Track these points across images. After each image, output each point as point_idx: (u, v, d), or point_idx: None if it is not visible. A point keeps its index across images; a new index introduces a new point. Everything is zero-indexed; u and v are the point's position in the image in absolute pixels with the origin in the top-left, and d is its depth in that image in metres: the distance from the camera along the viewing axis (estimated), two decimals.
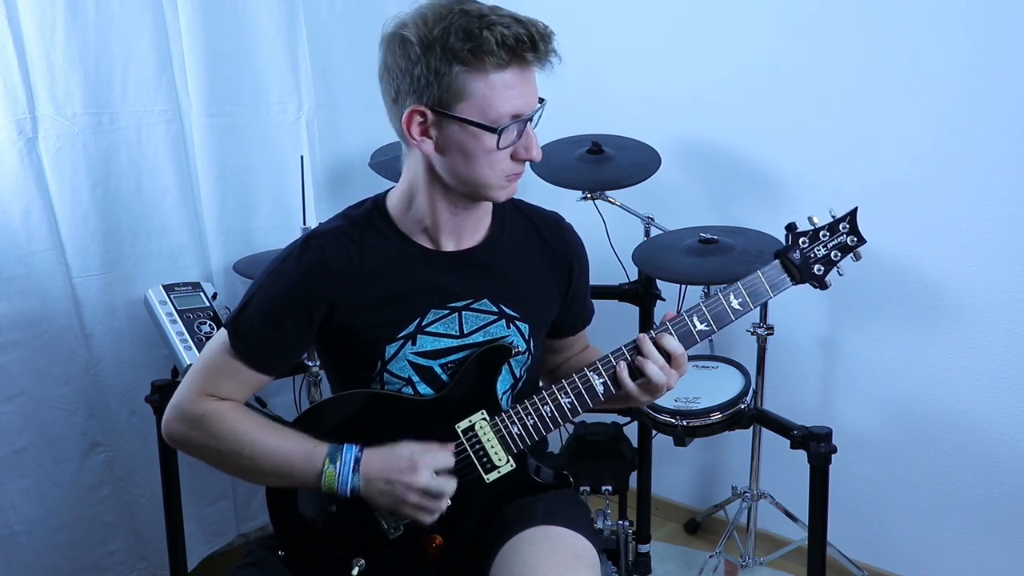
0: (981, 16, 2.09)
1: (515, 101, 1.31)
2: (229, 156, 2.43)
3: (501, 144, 1.32)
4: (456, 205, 1.42)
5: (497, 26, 1.26)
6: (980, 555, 2.31)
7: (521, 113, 1.33)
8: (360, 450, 1.37)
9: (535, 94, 1.35)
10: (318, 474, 1.36)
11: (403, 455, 1.37)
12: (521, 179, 1.42)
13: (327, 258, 1.41)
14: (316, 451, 1.37)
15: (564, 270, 1.56)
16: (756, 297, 1.46)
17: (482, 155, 1.33)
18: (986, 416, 2.24)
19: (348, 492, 1.36)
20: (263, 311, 1.41)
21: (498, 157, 1.34)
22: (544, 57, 1.32)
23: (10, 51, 2.02)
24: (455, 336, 1.46)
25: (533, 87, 1.35)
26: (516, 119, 1.33)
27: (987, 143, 2.13)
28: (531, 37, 1.28)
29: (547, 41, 1.31)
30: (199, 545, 2.51)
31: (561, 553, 1.37)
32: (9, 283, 2.10)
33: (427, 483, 1.35)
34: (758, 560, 2.52)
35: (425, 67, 1.29)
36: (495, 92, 1.30)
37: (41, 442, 2.20)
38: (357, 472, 1.35)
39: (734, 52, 2.49)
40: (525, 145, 1.36)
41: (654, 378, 1.41)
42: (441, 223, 1.44)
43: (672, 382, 1.43)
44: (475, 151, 1.33)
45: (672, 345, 1.42)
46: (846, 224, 1.51)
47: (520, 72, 1.31)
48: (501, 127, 1.31)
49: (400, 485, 1.35)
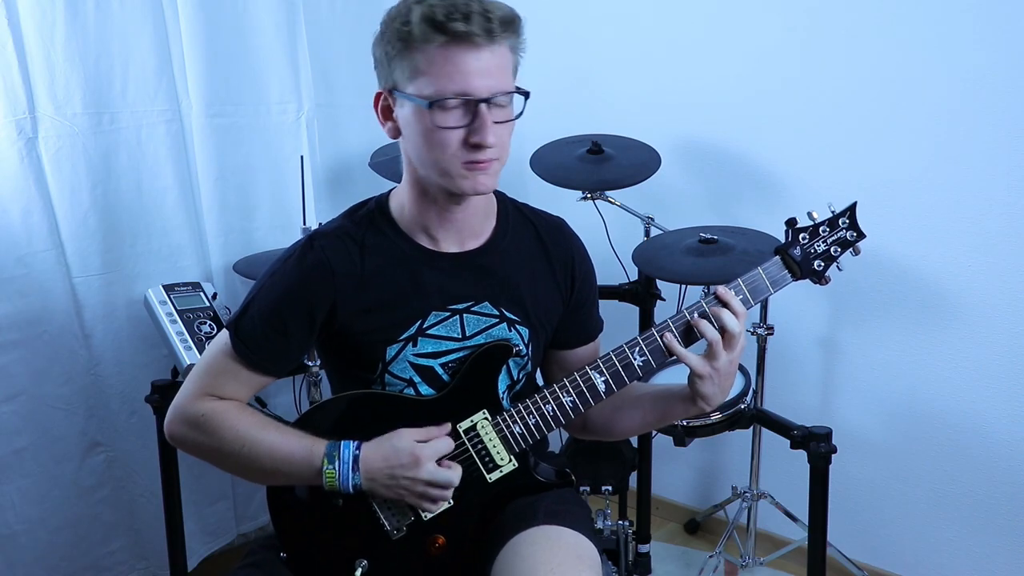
0: (982, 16, 2.09)
1: (455, 78, 1.29)
2: (229, 156, 2.43)
3: (439, 121, 1.30)
4: (438, 202, 1.41)
5: (436, 6, 1.27)
6: (980, 555, 2.32)
7: (467, 93, 1.29)
8: (358, 447, 1.36)
9: (492, 76, 1.30)
10: (318, 473, 1.36)
11: (403, 449, 1.36)
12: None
13: (329, 259, 1.41)
14: (315, 450, 1.36)
15: (567, 276, 1.55)
16: (757, 294, 1.46)
17: (428, 134, 1.32)
18: (986, 416, 2.24)
19: (351, 490, 1.36)
20: (265, 312, 1.41)
21: (446, 138, 1.31)
22: (482, 33, 1.27)
23: (10, 51, 2.02)
24: (457, 339, 1.46)
25: (487, 68, 1.29)
26: (460, 97, 1.30)
27: (988, 143, 2.13)
28: (467, 10, 1.26)
29: (487, 16, 1.27)
30: (199, 545, 2.51)
31: (563, 553, 1.37)
32: (9, 283, 2.10)
33: (432, 475, 1.35)
34: (758, 560, 2.52)
35: (381, 51, 1.34)
36: (433, 68, 1.29)
37: (41, 442, 2.20)
38: (357, 470, 1.35)
39: (734, 52, 2.49)
40: (476, 128, 1.30)
41: (729, 326, 1.38)
42: (433, 221, 1.43)
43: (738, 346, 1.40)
44: (420, 130, 1.33)
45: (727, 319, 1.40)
46: (846, 219, 1.51)
47: (463, 50, 1.27)
48: (433, 100, 1.29)
49: (405, 480, 1.35)
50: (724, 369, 1.40)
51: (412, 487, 1.36)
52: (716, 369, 1.40)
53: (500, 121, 1.33)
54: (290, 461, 1.37)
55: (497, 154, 1.35)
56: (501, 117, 1.33)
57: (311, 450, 1.37)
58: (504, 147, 1.36)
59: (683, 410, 1.47)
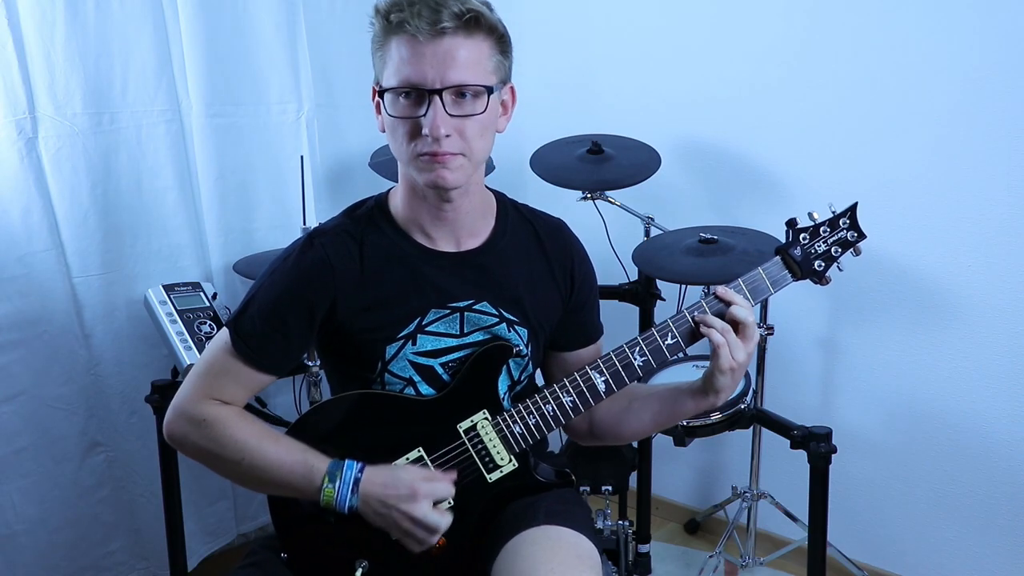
0: (982, 17, 2.09)
1: (403, 70, 1.30)
2: (229, 156, 2.43)
3: (390, 109, 1.34)
4: (428, 199, 1.41)
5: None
6: (980, 555, 2.32)
7: (414, 83, 1.30)
8: (361, 470, 1.36)
9: (449, 68, 1.29)
10: (317, 490, 1.35)
11: (404, 481, 1.36)
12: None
13: (329, 257, 1.41)
14: (316, 468, 1.36)
15: (566, 277, 1.55)
16: (757, 294, 1.46)
17: (388, 125, 1.37)
18: (986, 416, 2.24)
19: (347, 511, 1.36)
20: (265, 310, 1.41)
21: (397, 127, 1.34)
22: (427, 26, 1.27)
23: (10, 51, 2.02)
24: (456, 336, 1.46)
25: (442, 60, 1.29)
26: (409, 87, 1.31)
27: (988, 143, 2.13)
28: (411, 2, 1.28)
29: (434, 9, 1.27)
30: (199, 545, 2.51)
31: (563, 553, 1.37)
32: (9, 283, 2.10)
33: (423, 515, 1.35)
34: (758, 560, 2.52)
35: (371, 45, 1.37)
36: (390, 60, 1.33)
37: (41, 442, 2.20)
38: (356, 493, 1.35)
39: (735, 52, 2.49)
40: (425, 122, 1.30)
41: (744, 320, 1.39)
42: (424, 218, 1.43)
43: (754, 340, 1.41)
44: (384, 120, 1.37)
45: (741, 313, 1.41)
46: (846, 219, 1.51)
47: (410, 41, 1.29)
48: (381, 88, 1.34)
49: (396, 511, 1.35)
50: (743, 361, 1.40)
51: (400, 521, 1.35)
52: (739, 362, 1.40)
53: (457, 114, 1.32)
54: (289, 476, 1.37)
55: (458, 148, 1.33)
56: (458, 111, 1.32)
57: (312, 467, 1.36)
58: (470, 142, 1.34)
59: (694, 406, 1.47)
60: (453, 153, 1.33)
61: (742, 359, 1.40)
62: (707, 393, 1.44)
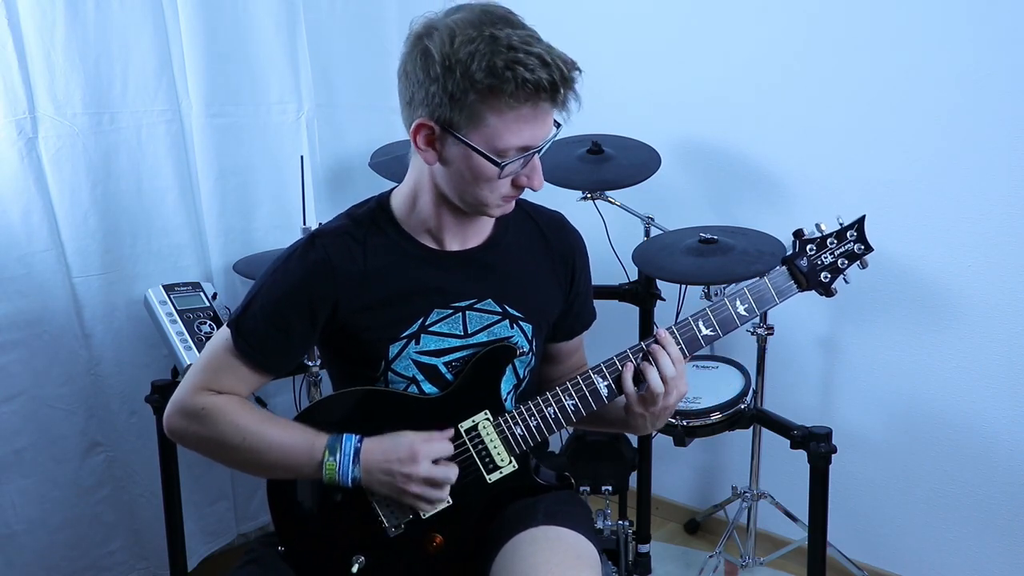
0: (982, 17, 2.09)
1: (525, 135, 1.30)
2: (229, 156, 2.43)
3: (503, 175, 1.33)
4: (456, 213, 1.43)
5: (520, 67, 1.23)
6: (980, 555, 2.32)
7: (529, 146, 1.32)
8: (359, 440, 1.37)
9: (548, 126, 1.34)
10: (318, 466, 1.36)
11: (402, 444, 1.37)
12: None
13: (330, 257, 1.41)
14: (316, 443, 1.37)
15: (567, 270, 1.56)
16: (762, 303, 1.47)
17: (482, 181, 1.34)
18: (986, 416, 2.24)
19: (350, 483, 1.36)
20: (266, 310, 1.41)
21: (500, 184, 1.35)
22: (563, 102, 1.29)
23: (10, 51, 2.02)
24: (459, 336, 1.46)
25: (547, 121, 1.33)
26: (523, 151, 1.32)
27: (988, 143, 2.13)
28: (552, 83, 1.25)
29: (568, 86, 1.28)
30: (199, 545, 2.51)
31: (562, 553, 1.37)
32: (9, 283, 2.10)
33: (427, 472, 1.36)
34: (758, 560, 2.52)
35: (441, 88, 1.27)
36: (506, 126, 1.28)
37: (41, 442, 2.20)
38: (357, 463, 1.36)
39: (735, 52, 2.49)
40: (527, 174, 1.36)
41: (652, 384, 1.40)
42: (445, 225, 1.44)
43: (670, 399, 1.42)
44: (476, 176, 1.33)
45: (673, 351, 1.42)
46: (853, 232, 1.51)
47: (535, 109, 1.29)
48: (505, 162, 1.31)
49: (400, 475, 1.36)
50: (657, 414, 1.44)
51: (407, 484, 1.36)
52: (651, 412, 1.43)
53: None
54: (291, 454, 1.37)
55: None
56: (543, 153, 1.37)
57: (312, 443, 1.37)
58: None
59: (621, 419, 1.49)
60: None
61: (655, 410, 1.43)
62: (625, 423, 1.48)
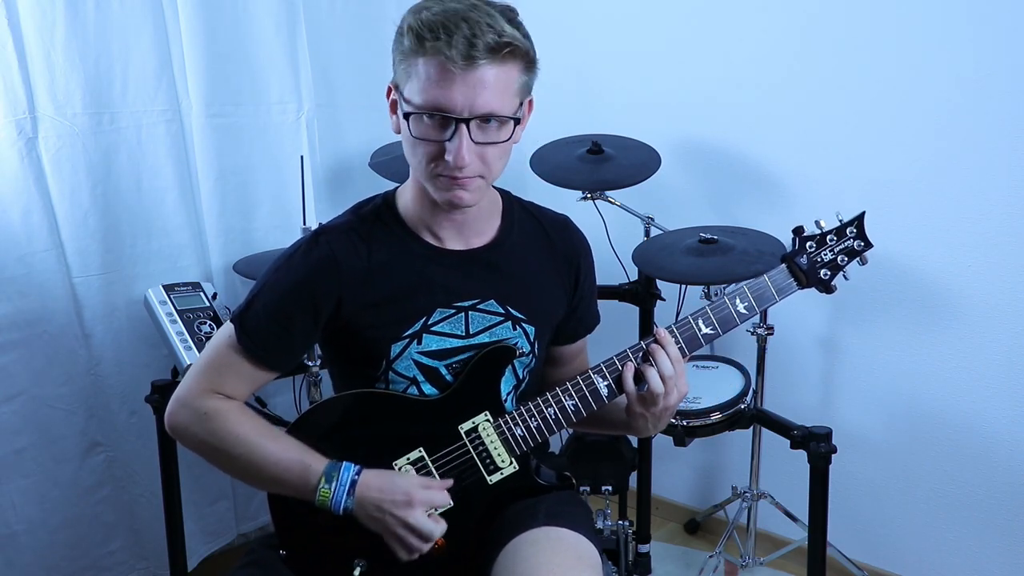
0: (982, 17, 2.09)
1: (431, 92, 1.27)
2: (229, 156, 2.43)
3: (414, 131, 1.31)
4: (438, 204, 1.40)
5: (424, 12, 1.27)
6: (980, 555, 2.32)
7: (442, 108, 1.27)
8: (358, 472, 1.36)
9: (479, 96, 1.27)
10: (313, 491, 1.35)
11: (400, 486, 1.36)
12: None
13: (335, 253, 1.41)
14: (313, 468, 1.36)
15: (571, 273, 1.56)
16: (762, 301, 1.47)
17: (408, 140, 1.34)
18: (986, 416, 2.24)
19: (341, 512, 1.36)
20: (270, 306, 1.41)
21: (420, 149, 1.33)
22: (460, 59, 1.24)
23: (10, 51, 2.01)
24: (461, 336, 1.46)
25: (473, 88, 1.26)
26: (433, 112, 1.28)
27: (988, 143, 2.13)
28: (446, 28, 1.24)
29: (470, 42, 1.24)
30: (199, 545, 2.51)
31: (563, 554, 1.37)
32: (9, 283, 2.10)
33: (416, 522, 1.35)
34: (758, 560, 2.52)
35: (394, 47, 1.34)
36: (419, 80, 1.28)
37: (41, 442, 2.20)
38: (352, 495, 1.35)
39: (734, 52, 2.49)
40: (450, 146, 1.29)
41: (652, 384, 1.40)
42: (434, 220, 1.44)
43: (671, 399, 1.42)
44: (404, 134, 1.35)
45: (673, 350, 1.42)
46: (853, 228, 1.51)
47: (443, 68, 1.25)
48: (405, 111, 1.31)
49: (390, 517, 1.35)
50: (658, 414, 1.44)
51: (394, 527, 1.35)
52: (652, 413, 1.43)
53: (481, 141, 1.31)
54: (285, 475, 1.37)
55: (478, 172, 1.34)
56: (484, 138, 1.31)
57: (308, 468, 1.36)
58: (490, 165, 1.34)
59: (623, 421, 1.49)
60: (472, 176, 1.33)
61: (656, 411, 1.43)
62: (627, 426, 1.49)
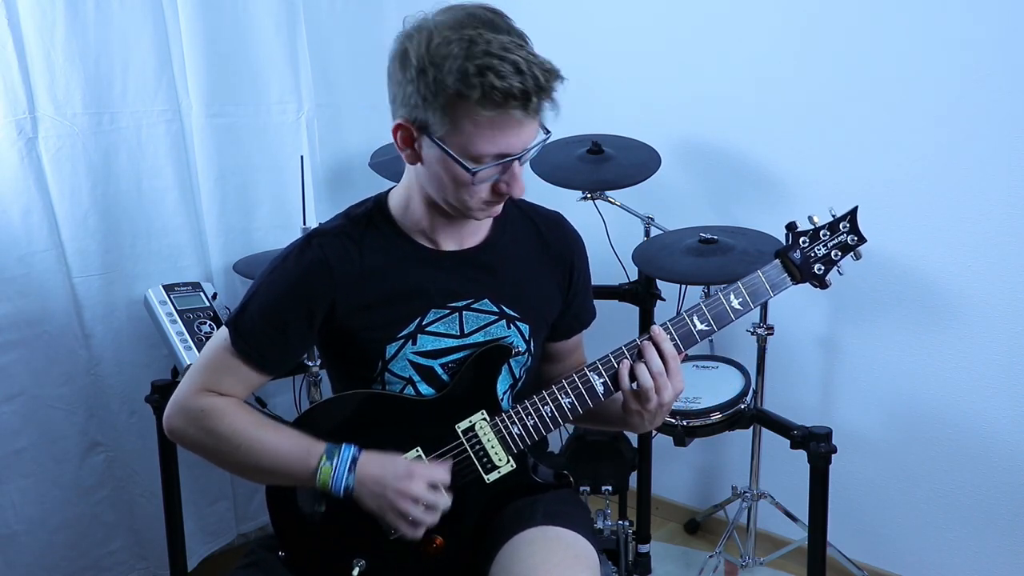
0: (981, 16, 2.09)
1: (499, 143, 1.28)
2: (229, 156, 2.44)
3: (476, 181, 1.31)
4: (447, 215, 1.42)
5: (491, 73, 1.20)
6: (980, 555, 2.31)
7: (506, 153, 1.29)
8: (359, 451, 1.37)
9: (527, 134, 1.30)
10: (314, 471, 1.35)
11: (401, 463, 1.38)
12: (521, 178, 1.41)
13: (327, 257, 1.41)
14: (313, 448, 1.37)
15: (565, 270, 1.56)
16: (756, 297, 1.46)
17: (459, 185, 1.32)
18: (986, 416, 2.24)
19: (342, 491, 1.35)
20: (264, 310, 1.41)
21: (476, 188, 1.33)
22: (536, 111, 1.26)
23: (10, 51, 2.02)
24: (456, 336, 1.46)
25: (524, 129, 1.29)
26: (498, 158, 1.30)
27: (987, 143, 2.13)
28: (524, 92, 1.22)
29: (544, 95, 1.25)
30: (199, 545, 2.52)
31: (561, 553, 1.37)
32: (9, 283, 2.10)
33: (419, 492, 1.35)
34: (758, 560, 2.52)
35: (415, 89, 1.26)
36: (480, 133, 1.26)
37: (41, 442, 2.20)
38: (353, 471, 1.35)
39: (734, 52, 2.49)
40: (507, 181, 1.33)
41: (641, 381, 1.40)
42: (437, 226, 1.44)
43: (664, 396, 1.41)
44: (452, 179, 1.32)
45: (667, 347, 1.42)
46: (846, 223, 1.52)
47: (507, 117, 1.25)
48: (477, 168, 1.29)
49: (392, 491, 1.35)
50: (654, 411, 1.43)
51: (397, 500, 1.35)
52: (648, 410, 1.42)
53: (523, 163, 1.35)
54: (286, 459, 1.37)
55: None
56: (526, 161, 1.35)
57: (308, 449, 1.37)
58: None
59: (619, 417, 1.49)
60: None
61: (651, 407, 1.42)
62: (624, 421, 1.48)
